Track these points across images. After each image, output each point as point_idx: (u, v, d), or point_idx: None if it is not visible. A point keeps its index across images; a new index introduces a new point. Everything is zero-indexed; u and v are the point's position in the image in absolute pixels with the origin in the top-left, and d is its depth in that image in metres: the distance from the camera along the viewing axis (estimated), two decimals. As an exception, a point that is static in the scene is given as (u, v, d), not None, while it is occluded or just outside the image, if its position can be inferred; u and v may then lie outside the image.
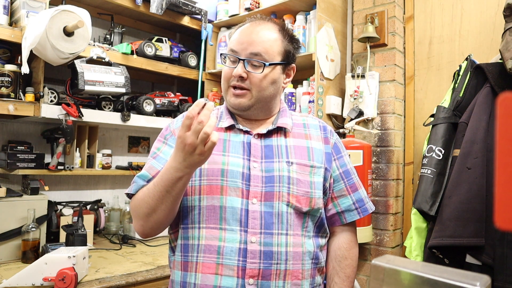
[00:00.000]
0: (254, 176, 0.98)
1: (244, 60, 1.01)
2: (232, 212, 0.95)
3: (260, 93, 1.02)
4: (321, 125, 1.14)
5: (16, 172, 1.79)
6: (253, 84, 1.01)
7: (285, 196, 0.97)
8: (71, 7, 1.64)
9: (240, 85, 1.01)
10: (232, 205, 0.95)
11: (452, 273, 0.58)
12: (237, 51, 1.02)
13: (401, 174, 1.99)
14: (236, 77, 1.00)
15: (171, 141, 1.05)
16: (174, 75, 2.36)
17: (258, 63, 1.01)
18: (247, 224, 0.94)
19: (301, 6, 2.13)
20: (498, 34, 1.68)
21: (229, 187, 0.96)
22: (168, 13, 2.27)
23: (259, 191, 0.97)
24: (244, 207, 0.95)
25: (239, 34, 1.05)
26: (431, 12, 2.00)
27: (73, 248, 1.50)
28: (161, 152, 1.04)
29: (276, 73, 1.04)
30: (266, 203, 0.96)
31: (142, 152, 2.58)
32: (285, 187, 0.98)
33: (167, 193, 0.88)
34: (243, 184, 0.97)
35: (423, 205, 1.51)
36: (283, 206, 0.97)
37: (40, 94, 1.72)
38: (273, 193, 0.97)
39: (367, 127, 1.99)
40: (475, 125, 1.42)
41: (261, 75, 1.01)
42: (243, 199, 0.96)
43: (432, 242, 1.40)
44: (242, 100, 1.02)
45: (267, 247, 0.94)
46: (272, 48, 1.02)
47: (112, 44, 2.17)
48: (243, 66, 1.00)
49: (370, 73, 1.98)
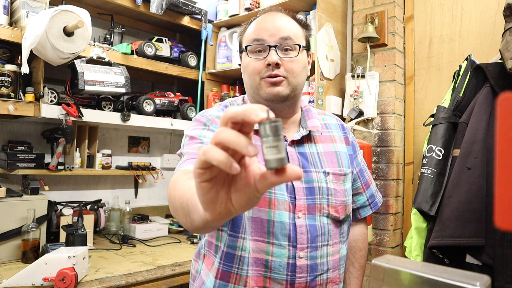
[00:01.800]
0: (297, 188, 0.93)
1: (275, 47, 0.94)
2: (281, 227, 0.90)
3: (296, 79, 0.95)
4: (339, 124, 1.10)
5: (16, 172, 1.79)
6: (288, 70, 0.94)
7: (325, 208, 0.95)
8: (71, 7, 1.64)
9: (276, 73, 0.93)
10: (281, 220, 0.90)
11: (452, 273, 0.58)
12: (265, 39, 0.95)
13: (401, 174, 1.99)
14: (272, 65, 0.93)
15: (214, 127, 0.96)
16: (174, 75, 2.36)
17: (290, 46, 0.95)
18: (296, 239, 0.90)
19: (301, 6, 2.13)
20: (498, 34, 1.68)
21: (278, 200, 0.91)
22: (168, 13, 2.27)
23: (303, 204, 0.93)
24: (291, 221, 0.91)
25: (259, 24, 0.98)
26: (431, 12, 2.00)
27: (73, 248, 1.50)
28: (205, 138, 0.92)
29: (305, 57, 1.00)
30: (310, 216, 0.93)
31: (142, 152, 2.58)
32: (324, 198, 0.95)
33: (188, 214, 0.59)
34: (289, 197, 0.92)
35: (423, 205, 1.51)
36: (324, 218, 0.95)
37: (40, 94, 1.72)
38: (315, 206, 0.94)
39: (367, 127, 1.99)
40: (475, 125, 1.42)
41: (295, 59, 0.95)
42: (290, 213, 0.91)
43: (432, 242, 1.40)
44: (280, 88, 0.94)
45: (313, 260, 0.92)
46: (298, 32, 0.98)
47: (112, 44, 2.17)
48: (276, 53, 0.93)
49: (370, 73, 1.98)
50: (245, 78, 1.00)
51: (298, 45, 0.96)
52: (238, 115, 0.39)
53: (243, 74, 1.01)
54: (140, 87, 2.54)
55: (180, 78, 2.49)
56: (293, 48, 0.96)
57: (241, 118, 0.39)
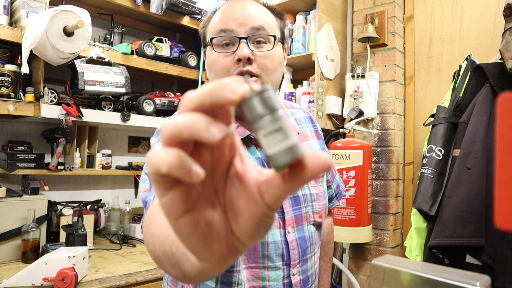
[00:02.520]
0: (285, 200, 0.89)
1: (246, 38, 0.79)
2: (275, 247, 0.82)
3: (270, 77, 0.81)
4: (307, 116, 0.99)
5: (16, 172, 1.79)
6: (261, 67, 0.80)
7: (311, 216, 0.88)
8: (71, 7, 1.64)
9: (248, 70, 0.78)
10: (274, 239, 0.82)
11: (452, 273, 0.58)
12: (233, 29, 0.80)
13: (401, 174, 1.99)
14: (243, 60, 0.78)
15: None
16: (174, 75, 2.36)
17: (264, 38, 0.81)
18: (289, 257, 0.83)
19: (301, 6, 2.13)
20: (498, 34, 1.68)
21: None
22: (168, 13, 2.27)
23: (291, 217, 0.84)
24: (282, 238, 0.83)
25: (226, 11, 0.83)
26: (431, 12, 2.00)
27: (73, 248, 1.50)
28: None
29: (281, 51, 0.86)
30: (298, 228, 0.85)
31: (142, 152, 2.58)
32: (309, 206, 0.88)
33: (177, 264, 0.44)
34: (277, 212, 0.81)
35: (423, 205, 1.51)
36: (311, 227, 0.88)
37: (40, 94, 1.72)
38: (301, 216, 0.86)
39: (367, 127, 1.99)
40: (475, 125, 1.42)
41: (269, 53, 0.81)
42: (281, 230, 0.83)
43: (432, 242, 1.40)
44: None
45: (305, 274, 0.87)
46: (272, 21, 0.84)
47: (112, 44, 2.17)
48: (247, 46, 0.78)
49: (370, 73, 1.98)
50: (211, 77, 0.85)
51: (273, 37, 0.81)
52: (202, 98, 0.25)
53: (208, 72, 0.85)
54: (140, 87, 2.54)
55: (180, 78, 2.49)
56: (267, 40, 0.81)
57: (210, 102, 0.25)
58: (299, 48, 2.07)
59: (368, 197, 1.83)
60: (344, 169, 1.81)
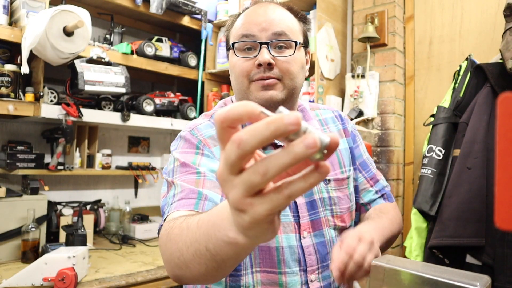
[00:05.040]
0: (300, 205, 0.83)
1: (268, 44, 0.80)
2: (290, 252, 0.80)
3: (292, 81, 0.82)
4: (336, 115, 0.98)
5: (16, 172, 1.78)
6: (283, 71, 0.81)
7: (331, 220, 0.85)
8: (71, 7, 1.64)
9: (269, 75, 0.80)
10: (290, 244, 0.80)
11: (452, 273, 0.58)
12: (255, 34, 0.81)
13: (401, 174, 1.98)
14: (264, 65, 0.79)
15: (208, 151, 0.82)
16: (174, 75, 2.36)
17: (285, 43, 0.82)
18: (305, 262, 0.81)
19: (301, 6, 2.13)
20: (498, 34, 1.68)
21: (283, 222, 0.80)
22: (168, 13, 2.27)
23: (307, 222, 0.83)
24: (298, 243, 0.81)
25: (249, 16, 0.84)
26: (431, 12, 2.00)
27: (73, 248, 1.50)
28: (200, 166, 0.78)
29: (303, 55, 0.87)
30: (316, 234, 0.83)
31: (142, 152, 2.58)
32: (328, 210, 0.85)
33: (211, 256, 0.46)
34: (292, 217, 0.82)
35: (423, 205, 1.51)
36: (332, 231, 0.85)
37: (40, 94, 1.72)
38: (320, 220, 0.84)
39: (367, 127, 1.99)
40: (476, 125, 1.42)
41: (291, 58, 0.82)
42: (296, 234, 0.81)
43: (432, 242, 1.40)
44: (274, 92, 0.80)
45: (326, 280, 0.83)
46: (294, 26, 0.85)
47: (112, 44, 2.17)
48: (268, 51, 0.80)
49: (370, 73, 1.98)
50: (232, 81, 0.87)
51: (294, 42, 0.82)
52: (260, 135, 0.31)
53: (231, 75, 0.88)
54: (140, 87, 2.54)
55: (180, 78, 2.49)
56: (289, 45, 0.82)
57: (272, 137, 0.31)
58: (299, 48, 2.07)
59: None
60: (344, 169, 1.81)
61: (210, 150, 0.81)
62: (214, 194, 0.73)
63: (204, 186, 0.74)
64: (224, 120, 0.32)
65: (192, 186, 0.73)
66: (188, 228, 0.52)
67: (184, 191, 0.73)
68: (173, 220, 0.61)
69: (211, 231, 0.44)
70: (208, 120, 0.89)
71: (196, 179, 0.75)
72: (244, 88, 0.83)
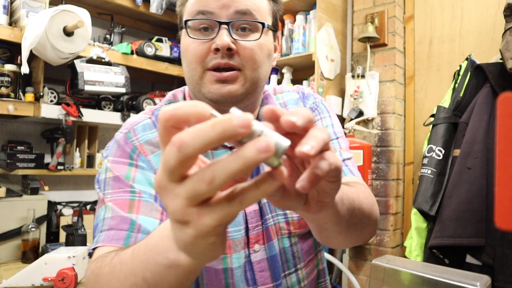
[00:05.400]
0: (250, 213, 0.70)
1: (228, 24, 0.64)
2: (239, 273, 0.68)
3: (255, 72, 0.67)
4: (300, 95, 0.82)
5: (16, 172, 1.78)
6: (246, 59, 0.65)
7: (284, 228, 0.72)
8: (71, 7, 1.64)
9: (228, 63, 0.64)
10: (239, 264, 0.68)
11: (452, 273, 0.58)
12: (213, 12, 0.65)
13: (401, 174, 1.98)
14: (222, 50, 0.63)
15: (143, 161, 0.68)
16: (174, 75, 2.36)
17: (250, 25, 0.66)
18: (255, 281, 0.69)
19: (301, 6, 2.13)
20: (498, 34, 1.68)
21: (233, 240, 0.68)
22: (168, 13, 2.27)
23: (259, 232, 0.70)
24: (247, 259, 0.69)
25: None
26: (431, 12, 2.00)
27: (73, 248, 1.50)
28: (135, 183, 0.65)
29: (270, 41, 0.71)
30: (268, 245, 0.70)
31: (142, 152, 2.58)
32: (280, 215, 0.72)
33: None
34: (244, 229, 0.69)
35: (423, 205, 1.51)
36: (285, 241, 0.72)
37: (40, 94, 1.72)
38: (269, 229, 0.70)
39: (367, 127, 1.99)
40: (475, 125, 1.42)
41: (256, 44, 0.66)
42: (246, 250, 0.69)
43: (432, 242, 1.40)
44: (234, 86, 0.65)
45: None
46: (262, 4, 0.68)
47: (112, 44, 2.17)
48: (228, 33, 0.64)
49: (370, 73, 1.98)
50: (184, 67, 0.71)
51: (261, 24, 0.66)
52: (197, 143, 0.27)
53: (182, 60, 0.72)
54: (140, 87, 2.54)
55: (180, 78, 2.49)
56: (254, 28, 0.67)
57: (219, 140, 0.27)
58: (299, 48, 2.07)
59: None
60: (344, 169, 1.81)
61: (146, 159, 0.68)
62: (150, 221, 0.62)
63: (139, 210, 0.62)
64: (169, 119, 0.29)
65: (125, 211, 0.62)
66: (122, 261, 0.45)
67: (115, 218, 0.62)
68: (101, 258, 0.53)
69: (149, 256, 0.39)
70: (149, 117, 0.74)
71: (129, 200, 0.63)
72: (196, 77, 0.67)
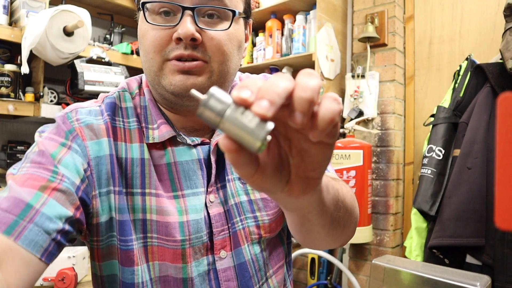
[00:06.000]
0: (214, 216, 0.63)
1: (193, 10, 0.56)
2: (200, 282, 0.61)
3: (224, 65, 0.59)
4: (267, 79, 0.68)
5: (16, 172, 1.78)
6: (213, 51, 0.57)
7: (254, 233, 0.65)
8: (71, 7, 1.64)
9: (192, 54, 0.56)
10: (199, 272, 0.61)
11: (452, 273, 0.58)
12: None
13: (401, 174, 1.98)
14: (185, 40, 0.55)
15: (78, 144, 0.58)
16: (174, 75, 2.36)
17: (219, 12, 0.58)
18: None
19: (301, 6, 2.13)
20: (498, 34, 1.68)
21: (193, 247, 0.61)
22: (168, 13, 2.27)
23: (224, 238, 0.63)
24: (211, 267, 0.62)
25: None
26: (431, 12, 2.00)
27: (73, 248, 1.50)
28: (60, 165, 0.54)
29: (241, 30, 0.62)
30: (235, 251, 0.64)
31: (142, 152, 2.58)
32: (249, 218, 0.65)
33: None
34: (207, 235, 0.62)
35: (423, 205, 1.51)
36: (255, 247, 0.65)
37: (40, 94, 1.72)
38: (237, 234, 0.64)
39: (367, 127, 1.99)
40: (476, 125, 1.42)
41: (225, 34, 0.58)
42: (209, 256, 0.63)
43: (432, 242, 1.40)
44: (199, 79, 0.57)
45: None
46: None
47: (112, 44, 2.17)
48: (193, 21, 0.56)
49: (370, 73, 1.98)
50: (141, 55, 0.62)
51: (231, 11, 0.58)
52: None
53: (140, 47, 0.63)
54: (140, 87, 2.54)
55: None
56: (223, 15, 0.58)
57: None
58: (299, 48, 2.07)
59: (368, 197, 1.83)
60: (344, 169, 1.81)
61: (83, 143, 0.58)
62: (59, 211, 0.51)
63: (52, 193, 0.51)
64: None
65: (34, 188, 0.50)
66: None
67: (9, 199, 0.49)
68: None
69: None
70: (98, 106, 0.63)
71: (47, 180, 0.52)
72: (155, 68, 0.58)
